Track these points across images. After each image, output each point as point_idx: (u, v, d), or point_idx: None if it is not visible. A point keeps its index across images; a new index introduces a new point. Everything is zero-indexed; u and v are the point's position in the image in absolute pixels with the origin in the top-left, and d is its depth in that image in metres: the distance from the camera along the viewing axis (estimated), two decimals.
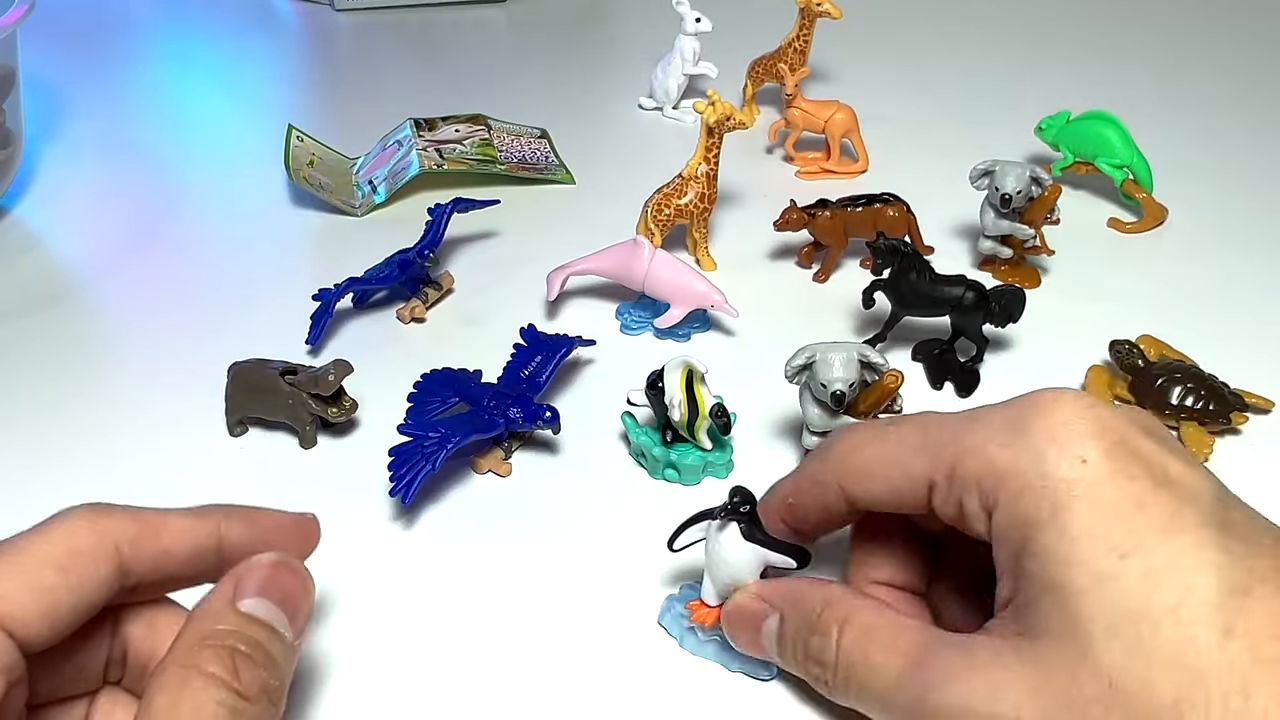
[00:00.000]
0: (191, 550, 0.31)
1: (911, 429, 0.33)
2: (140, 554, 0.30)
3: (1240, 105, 0.81)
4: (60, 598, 0.28)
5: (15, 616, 0.27)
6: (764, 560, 0.36)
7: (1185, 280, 0.60)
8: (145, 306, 0.58)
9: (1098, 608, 0.27)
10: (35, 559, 0.28)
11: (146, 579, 0.30)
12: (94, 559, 0.29)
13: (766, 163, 0.73)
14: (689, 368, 0.44)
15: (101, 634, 0.31)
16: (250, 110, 0.81)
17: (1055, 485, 0.28)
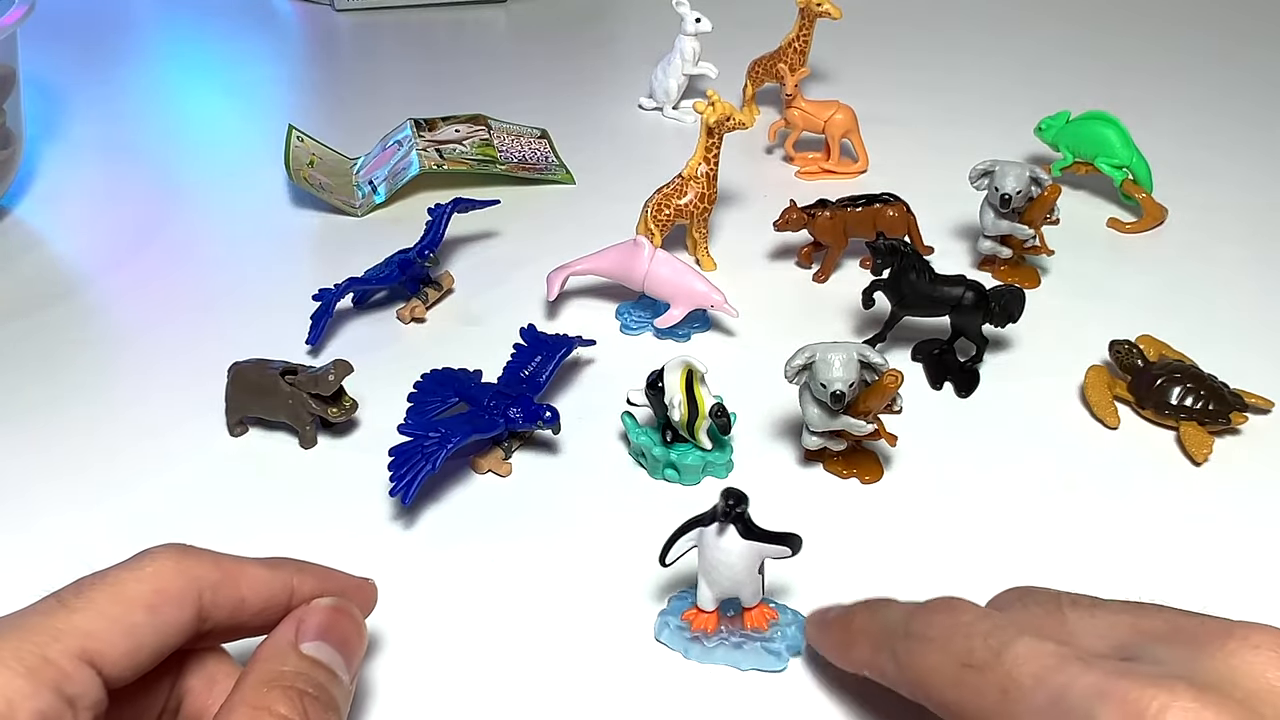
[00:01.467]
0: (265, 601, 0.32)
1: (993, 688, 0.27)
2: (219, 600, 0.30)
3: (1240, 105, 0.81)
4: (145, 639, 0.28)
5: (104, 655, 0.27)
6: (761, 554, 0.36)
7: (1185, 280, 0.60)
8: (145, 306, 0.58)
9: None
10: (126, 597, 0.28)
11: (220, 625, 0.31)
12: (179, 602, 0.29)
13: (766, 163, 0.73)
14: (689, 368, 0.44)
15: (166, 678, 0.32)
16: (250, 110, 0.81)
17: None
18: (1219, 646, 0.25)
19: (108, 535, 0.43)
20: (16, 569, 0.42)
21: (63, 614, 0.28)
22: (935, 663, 0.29)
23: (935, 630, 0.29)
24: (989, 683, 0.27)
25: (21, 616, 0.28)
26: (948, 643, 0.28)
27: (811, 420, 0.44)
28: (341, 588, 0.34)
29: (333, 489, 0.46)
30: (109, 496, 0.45)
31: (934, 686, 0.29)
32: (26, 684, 0.26)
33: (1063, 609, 0.29)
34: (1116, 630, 0.28)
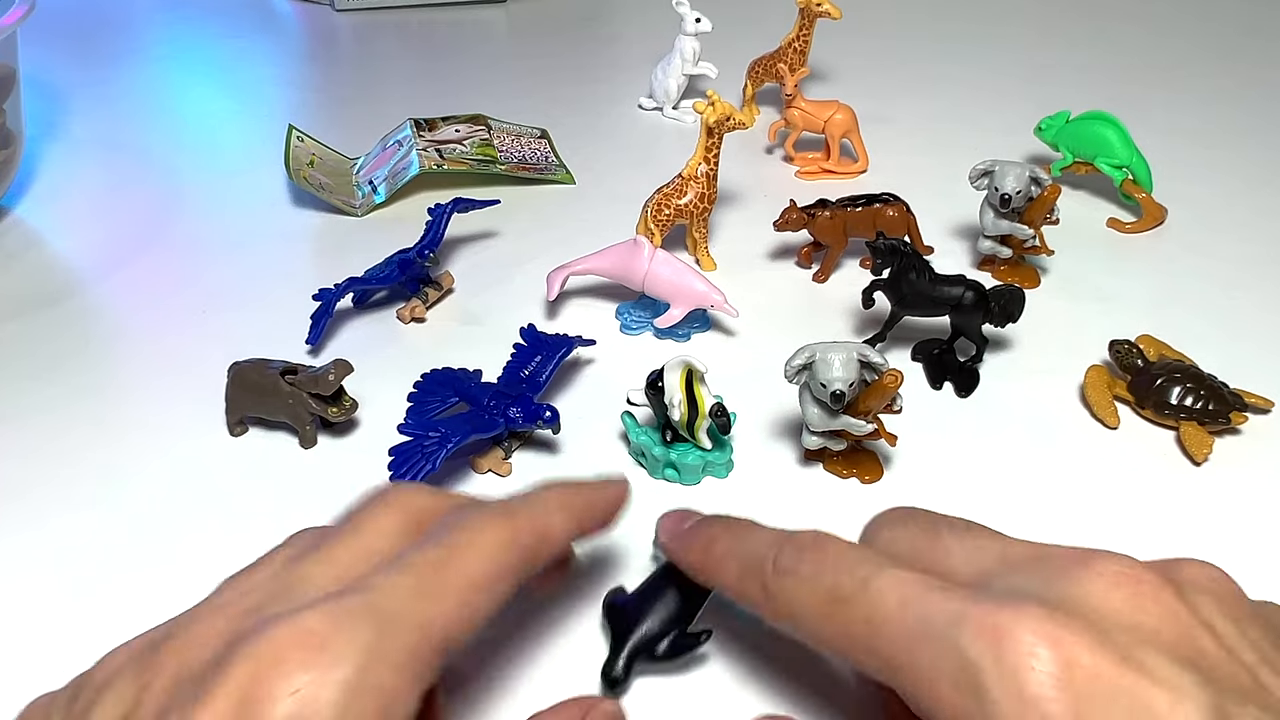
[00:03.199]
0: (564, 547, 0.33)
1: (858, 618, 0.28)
2: (534, 562, 0.31)
3: (1240, 106, 0.81)
4: (481, 620, 0.29)
5: (453, 638, 0.28)
6: None
7: (1185, 280, 0.60)
8: (145, 306, 0.58)
9: None
10: (473, 583, 0.29)
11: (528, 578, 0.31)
12: (508, 575, 0.30)
13: (766, 163, 0.73)
14: (689, 368, 0.44)
15: None
16: (250, 110, 0.81)
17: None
18: (1071, 571, 0.27)
19: (107, 535, 0.43)
20: (16, 569, 0.42)
21: (427, 602, 0.28)
22: (805, 598, 0.29)
23: (805, 567, 0.30)
24: (855, 614, 0.28)
25: (392, 594, 0.27)
26: (817, 578, 0.29)
27: (811, 420, 0.44)
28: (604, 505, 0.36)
29: (333, 489, 0.46)
30: (109, 496, 0.45)
31: (804, 620, 0.30)
32: (404, 683, 0.26)
33: (939, 531, 0.30)
34: (984, 555, 0.29)
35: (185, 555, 0.42)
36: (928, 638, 0.26)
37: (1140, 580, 0.26)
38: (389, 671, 0.26)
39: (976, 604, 0.26)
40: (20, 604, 0.41)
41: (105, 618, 0.40)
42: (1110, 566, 0.27)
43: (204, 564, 0.42)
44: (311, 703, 0.24)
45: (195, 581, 0.41)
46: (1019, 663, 0.24)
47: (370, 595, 0.27)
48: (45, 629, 0.40)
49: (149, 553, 0.42)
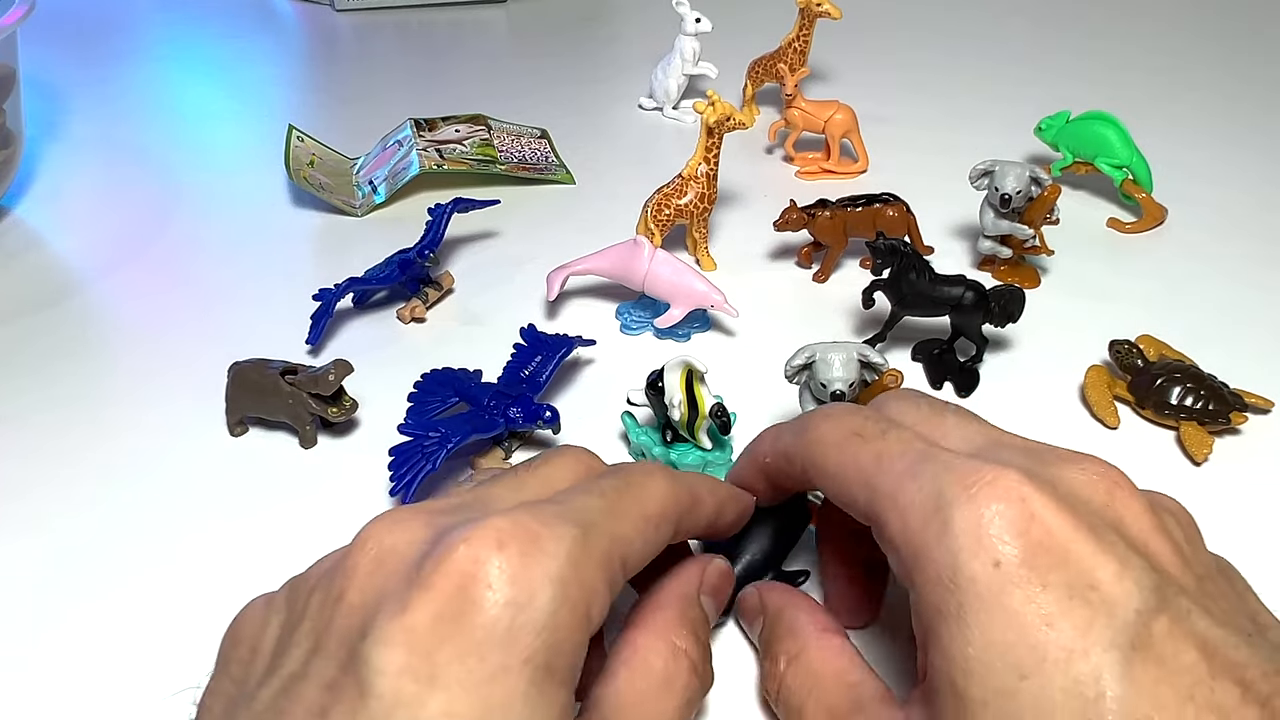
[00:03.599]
0: (706, 521, 0.34)
1: (867, 452, 0.31)
2: (685, 525, 0.33)
3: (1240, 105, 0.81)
4: (649, 552, 0.31)
5: (630, 561, 0.29)
6: None
7: (1185, 280, 0.60)
8: (145, 306, 0.58)
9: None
10: (646, 513, 0.31)
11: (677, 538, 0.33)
12: (669, 523, 0.32)
13: (766, 163, 0.73)
14: (689, 368, 0.44)
15: None
16: (250, 110, 0.81)
17: (964, 585, 0.27)
18: (1061, 461, 0.29)
19: (107, 535, 0.43)
20: (16, 568, 0.42)
21: (614, 519, 0.29)
22: (829, 429, 0.33)
23: (839, 409, 0.34)
24: (868, 450, 0.31)
25: (585, 508, 0.29)
26: (843, 418, 0.33)
27: None
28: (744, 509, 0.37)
29: (333, 489, 0.46)
30: (108, 496, 0.45)
31: (822, 447, 0.33)
32: (602, 584, 0.28)
33: (944, 414, 0.33)
34: (980, 438, 0.32)
35: (185, 555, 0.42)
36: (916, 477, 0.29)
37: (1118, 484, 0.29)
38: (593, 570, 0.27)
39: (967, 460, 0.29)
40: (20, 604, 0.41)
41: (105, 617, 0.40)
42: (1095, 466, 0.29)
43: (204, 564, 0.42)
44: (528, 589, 0.25)
45: (195, 581, 0.41)
46: (985, 508, 0.27)
47: (566, 506, 0.29)
48: (45, 629, 0.40)
49: (149, 553, 0.42)
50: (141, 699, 0.37)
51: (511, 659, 0.25)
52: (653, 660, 0.31)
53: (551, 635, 0.25)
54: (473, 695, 0.24)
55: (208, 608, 0.40)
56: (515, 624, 0.25)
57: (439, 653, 0.24)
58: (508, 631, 0.25)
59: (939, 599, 0.27)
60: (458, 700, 0.24)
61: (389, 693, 0.24)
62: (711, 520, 0.35)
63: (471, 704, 0.24)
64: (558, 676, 0.26)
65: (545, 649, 0.25)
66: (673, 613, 0.33)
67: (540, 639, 0.25)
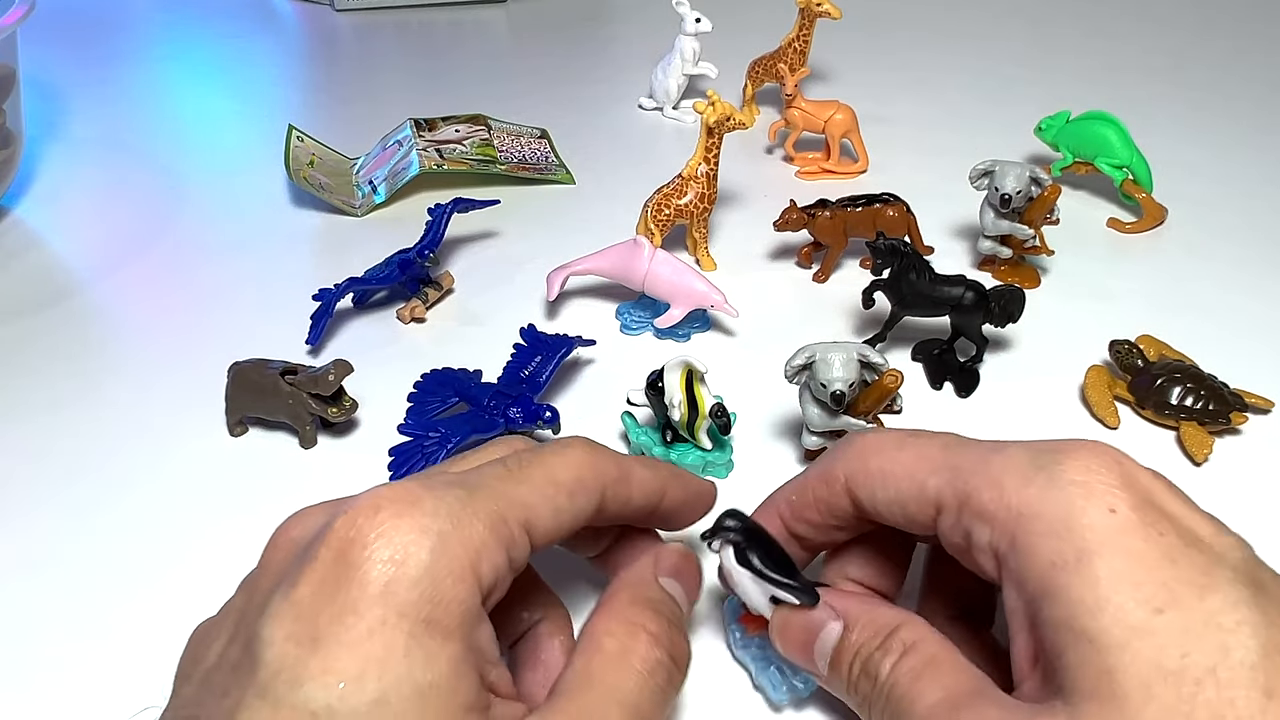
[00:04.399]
0: (645, 501, 0.34)
1: (933, 444, 0.32)
2: (615, 496, 0.33)
3: (1240, 105, 0.81)
4: (563, 521, 0.31)
5: (535, 529, 0.30)
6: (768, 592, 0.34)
7: (1185, 280, 0.60)
8: (145, 306, 0.58)
9: (1132, 664, 0.25)
10: (556, 480, 0.31)
11: (608, 515, 0.33)
12: (590, 493, 0.32)
13: (766, 163, 0.73)
14: (689, 368, 0.44)
15: None
16: (250, 110, 0.81)
17: (1082, 531, 0.27)
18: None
19: (108, 535, 0.43)
20: (16, 568, 0.42)
21: (511, 483, 0.30)
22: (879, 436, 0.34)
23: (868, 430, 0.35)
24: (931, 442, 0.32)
25: (479, 475, 0.30)
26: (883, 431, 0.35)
27: (811, 420, 0.44)
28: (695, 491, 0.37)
29: (333, 489, 0.45)
30: (109, 496, 0.45)
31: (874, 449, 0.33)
32: (491, 539, 0.28)
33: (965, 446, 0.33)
34: None
35: (185, 555, 0.42)
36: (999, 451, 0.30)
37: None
38: (477, 528, 0.28)
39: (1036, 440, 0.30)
40: (20, 603, 0.41)
41: (105, 617, 0.40)
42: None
43: (204, 564, 0.42)
44: (403, 547, 0.26)
45: (195, 581, 0.41)
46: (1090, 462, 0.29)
47: (460, 475, 0.29)
48: (45, 628, 0.40)
49: (149, 552, 0.42)
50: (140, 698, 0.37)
51: (389, 613, 0.25)
52: (605, 639, 0.31)
53: (430, 589, 0.26)
54: (352, 651, 0.25)
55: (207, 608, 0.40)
56: (392, 579, 0.26)
57: (320, 616, 0.25)
58: (385, 587, 0.25)
59: (1053, 551, 0.27)
60: (337, 657, 0.25)
61: (274, 659, 0.25)
62: (652, 501, 0.34)
63: (351, 659, 0.25)
64: (442, 630, 0.26)
65: (424, 603, 0.26)
66: (626, 595, 0.33)
67: (418, 591, 0.26)
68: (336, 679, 0.24)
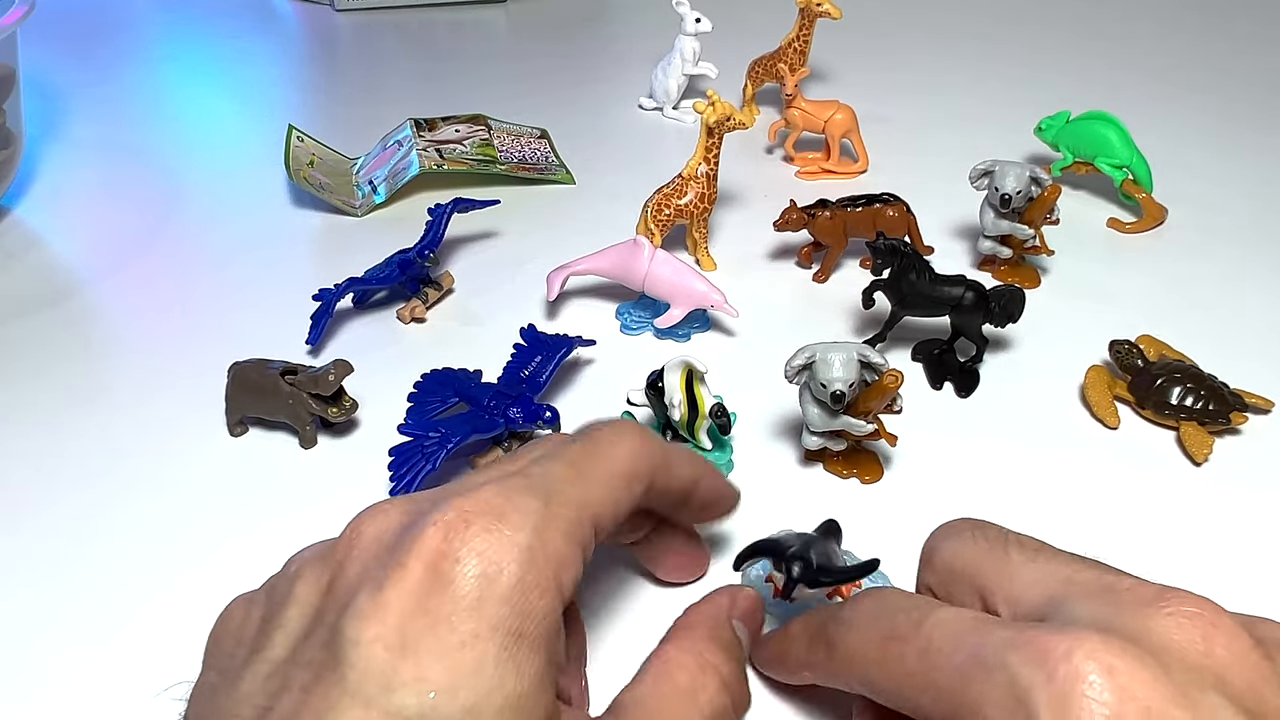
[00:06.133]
0: (681, 490, 0.35)
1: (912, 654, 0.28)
2: (659, 484, 0.33)
3: (1240, 105, 0.81)
4: (620, 512, 0.31)
5: (601, 523, 0.30)
6: None
7: (1185, 280, 0.60)
8: (145, 306, 0.58)
9: None
10: (615, 473, 0.31)
11: (650, 500, 0.33)
12: (641, 479, 0.32)
13: (766, 163, 0.73)
14: (689, 368, 0.44)
15: None
16: (250, 110, 0.81)
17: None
18: (1144, 607, 0.26)
19: (108, 534, 0.43)
20: (15, 568, 0.42)
21: (580, 486, 0.30)
22: (861, 640, 0.30)
23: (861, 613, 0.31)
24: (910, 650, 0.28)
25: (548, 477, 0.30)
26: (874, 621, 0.30)
27: (811, 420, 0.44)
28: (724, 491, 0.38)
29: (333, 489, 0.46)
30: (109, 496, 0.45)
31: (860, 663, 0.30)
32: (570, 550, 0.28)
33: (1008, 549, 0.30)
34: (1050, 580, 0.28)
35: (185, 555, 0.42)
36: (981, 664, 0.26)
37: (1215, 624, 0.25)
38: (559, 538, 0.28)
39: (1032, 630, 0.25)
40: (20, 603, 0.41)
41: (105, 617, 0.40)
42: (1185, 606, 0.25)
43: (204, 564, 0.42)
44: (496, 562, 0.26)
45: (195, 581, 0.41)
46: (1071, 689, 0.23)
47: (530, 478, 0.29)
48: (45, 628, 0.40)
49: (148, 553, 0.42)
50: (139, 698, 0.37)
51: (482, 626, 0.26)
52: (678, 672, 0.32)
53: (520, 603, 0.26)
54: (444, 662, 0.25)
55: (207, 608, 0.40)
56: (484, 594, 0.26)
57: (412, 624, 0.25)
58: (477, 601, 0.26)
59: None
60: (430, 667, 0.25)
61: (362, 661, 0.25)
62: (688, 490, 0.35)
63: (444, 669, 0.25)
64: (529, 643, 0.26)
65: (515, 616, 0.26)
66: (702, 631, 0.34)
67: (509, 607, 0.26)
68: (429, 688, 0.25)
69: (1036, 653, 0.24)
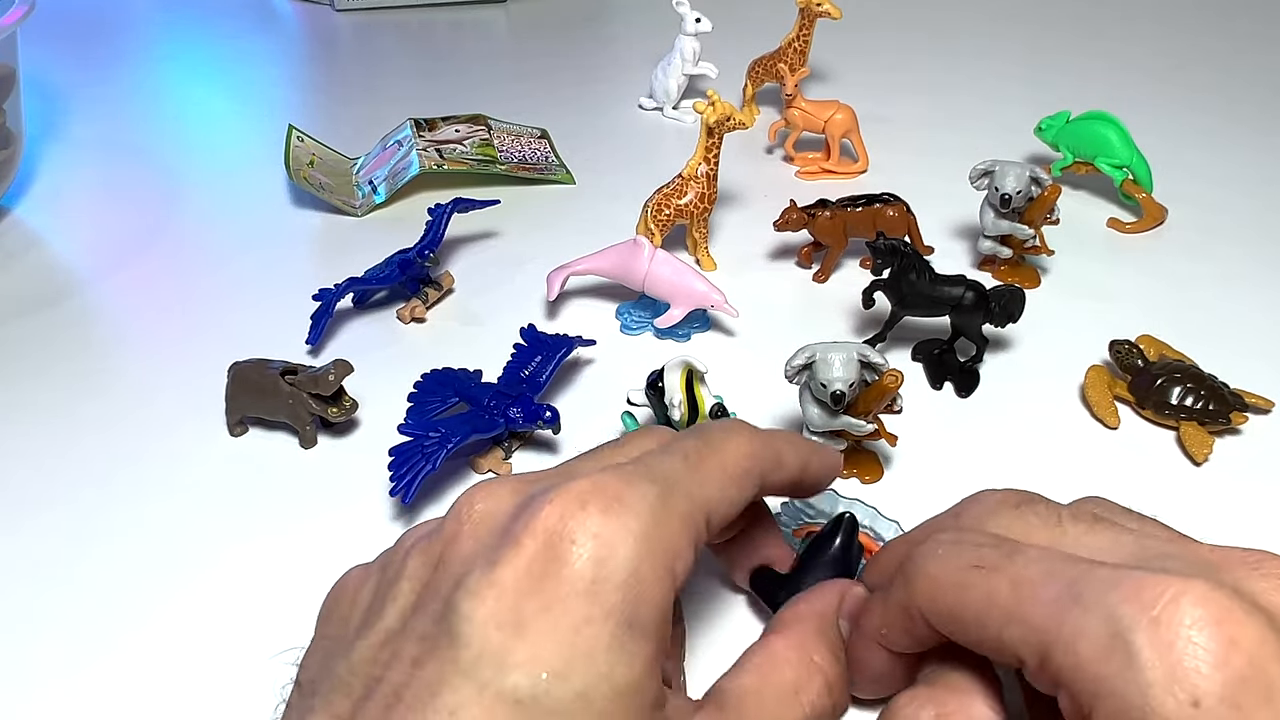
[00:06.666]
0: (791, 480, 0.35)
1: (1001, 582, 0.27)
2: (769, 481, 0.33)
3: (1240, 105, 0.81)
4: (733, 509, 0.31)
5: (713, 519, 0.30)
6: None
7: (1185, 280, 0.60)
8: (145, 306, 0.58)
9: None
10: (729, 471, 0.31)
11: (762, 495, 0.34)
12: (753, 479, 0.32)
13: (766, 163, 0.73)
14: (689, 368, 0.44)
15: None
16: (250, 110, 0.81)
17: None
18: (1238, 567, 0.25)
19: (108, 535, 0.43)
20: (15, 569, 0.42)
21: (696, 479, 0.30)
22: (944, 568, 0.29)
23: (944, 543, 0.30)
24: (1001, 581, 0.27)
25: (665, 469, 0.29)
26: (958, 551, 0.29)
27: (811, 420, 0.44)
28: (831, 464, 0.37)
29: (333, 489, 0.46)
30: (109, 496, 0.45)
31: (943, 592, 0.29)
32: (684, 540, 0.28)
33: (1062, 523, 0.29)
34: (1119, 549, 0.28)
35: (185, 555, 0.42)
36: (1077, 600, 0.25)
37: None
38: (675, 528, 0.28)
39: (1135, 571, 0.25)
40: (20, 603, 0.41)
41: (105, 617, 0.40)
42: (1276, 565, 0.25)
43: (204, 564, 0.42)
44: (611, 546, 0.26)
45: (195, 581, 0.41)
46: (1176, 634, 0.23)
47: (648, 467, 0.29)
48: (45, 628, 0.40)
49: (149, 553, 0.42)
50: (138, 697, 0.37)
51: (595, 611, 0.25)
52: (784, 667, 0.31)
53: (635, 590, 0.26)
54: (558, 644, 0.25)
55: (207, 608, 0.40)
56: (599, 578, 0.26)
57: (526, 604, 0.25)
58: (592, 585, 0.25)
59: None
60: (544, 648, 0.25)
61: (477, 639, 0.25)
62: (797, 477, 0.35)
63: (557, 652, 0.25)
64: (641, 630, 0.26)
65: (629, 603, 0.26)
66: (811, 626, 0.33)
67: (623, 593, 0.26)
68: (541, 670, 0.24)
69: (1140, 593, 0.24)
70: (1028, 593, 0.26)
